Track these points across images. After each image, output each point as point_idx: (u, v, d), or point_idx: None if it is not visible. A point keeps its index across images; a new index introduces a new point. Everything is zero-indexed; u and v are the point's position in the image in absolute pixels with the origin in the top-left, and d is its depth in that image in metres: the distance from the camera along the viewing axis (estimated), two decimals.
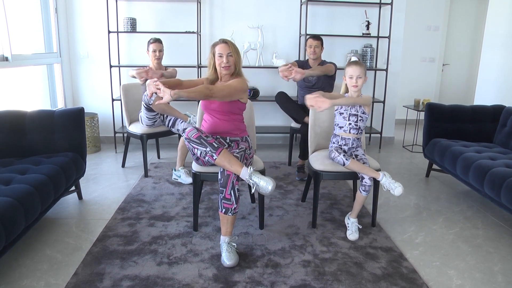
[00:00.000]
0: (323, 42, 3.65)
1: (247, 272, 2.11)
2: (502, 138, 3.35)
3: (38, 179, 2.29)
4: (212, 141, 2.17)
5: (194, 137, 2.17)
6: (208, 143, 2.16)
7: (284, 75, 3.05)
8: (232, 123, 2.46)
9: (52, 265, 2.15)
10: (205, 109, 2.49)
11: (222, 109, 2.42)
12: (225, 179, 2.17)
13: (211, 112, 2.46)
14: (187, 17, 4.43)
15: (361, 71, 2.49)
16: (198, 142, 2.17)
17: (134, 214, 2.78)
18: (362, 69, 2.49)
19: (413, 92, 6.34)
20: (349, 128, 2.56)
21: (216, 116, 2.44)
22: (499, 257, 2.32)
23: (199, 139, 2.17)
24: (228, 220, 2.22)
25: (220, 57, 2.37)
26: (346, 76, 2.54)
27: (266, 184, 2.13)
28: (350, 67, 2.51)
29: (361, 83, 2.50)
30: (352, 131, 2.56)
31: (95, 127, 4.36)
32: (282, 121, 4.78)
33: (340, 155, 2.45)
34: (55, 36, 4.24)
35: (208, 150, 2.15)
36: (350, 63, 2.53)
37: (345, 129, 2.57)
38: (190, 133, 2.19)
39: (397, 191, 2.33)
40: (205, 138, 2.18)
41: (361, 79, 2.49)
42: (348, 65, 2.53)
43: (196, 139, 2.17)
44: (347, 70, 2.53)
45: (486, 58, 4.84)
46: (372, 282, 2.03)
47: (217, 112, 2.44)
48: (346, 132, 2.57)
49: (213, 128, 2.45)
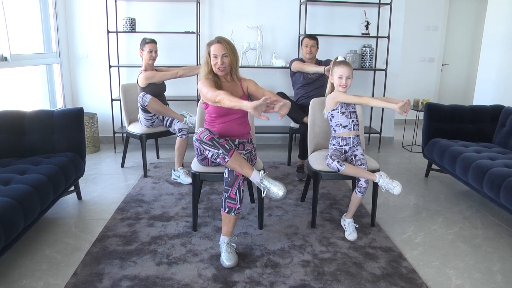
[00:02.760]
0: (318, 41, 3.67)
1: (246, 272, 2.11)
2: (501, 138, 3.35)
3: (38, 179, 2.28)
4: (224, 143, 2.16)
5: (207, 138, 2.15)
6: (220, 145, 2.14)
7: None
8: (245, 127, 2.47)
9: (52, 265, 2.14)
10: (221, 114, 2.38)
11: (240, 114, 2.40)
12: (233, 179, 2.17)
13: (228, 116, 2.39)
14: (186, 17, 4.43)
15: (350, 72, 2.49)
16: (211, 144, 2.14)
17: (134, 214, 2.78)
18: (351, 70, 2.50)
19: (413, 92, 6.34)
20: (353, 125, 2.57)
21: (234, 120, 2.40)
22: (498, 257, 2.32)
23: (212, 141, 2.14)
24: (230, 220, 2.22)
25: (215, 58, 2.32)
26: (334, 76, 2.52)
27: (278, 190, 2.13)
28: (340, 67, 2.49)
29: (349, 84, 2.51)
30: (355, 127, 2.57)
31: (95, 127, 4.36)
32: (282, 121, 4.77)
33: (334, 162, 2.44)
34: (54, 36, 4.23)
35: (221, 152, 2.13)
36: (339, 63, 2.50)
37: (349, 127, 2.56)
38: (202, 134, 2.16)
39: (396, 190, 2.33)
40: (218, 140, 2.15)
41: (350, 79, 2.50)
42: (337, 65, 2.51)
43: (208, 140, 2.14)
44: (335, 69, 2.51)
45: (486, 58, 4.84)
46: (372, 282, 2.03)
47: (235, 117, 2.40)
48: (351, 130, 2.56)
49: (227, 132, 2.39)
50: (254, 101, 1.98)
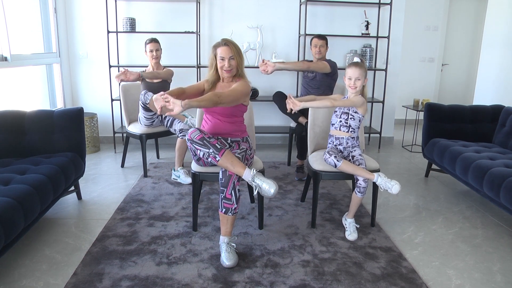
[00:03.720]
0: (327, 41, 3.65)
1: (246, 272, 2.11)
2: (501, 138, 3.35)
3: (38, 179, 2.28)
4: (215, 142, 2.16)
5: (197, 138, 2.16)
6: (211, 145, 2.15)
7: (262, 69, 3.17)
8: (234, 124, 2.46)
9: (52, 265, 2.14)
10: (207, 111, 2.47)
11: (225, 112, 2.41)
12: (227, 179, 2.17)
13: (213, 114, 2.44)
14: (186, 17, 4.43)
15: (360, 73, 2.47)
16: (201, 144, 2.15)
17: (134, 214, 2.78)
18: (361, 71, 2.47)
19: (413, 92, 6.34)
20: (340, 126, 2.56)
21: (219, 118, 2.43)
22: (498, 257, 2.32)
23: (202, 140, 2.15)
24: (228, 220, 2.22)
25: (222, 60, 2.34)
26: (346, 76, 2.53)
27: (269, 187, 2.12)
28: (349, 68, 2.50)
29: (359, 85, 2.48)
30: (342, 128, 2.56)
31: (95, 127, 4.36)
32: (282, 121, 4.78)
33: (331, 157, 2.44)
34: (54, 36, 4.23)
35: (211, 152, 2.14)
36: (350, 64, 2.51)
37: (336, 126, 2.58)
38: (193, 134, 2.17)
39: (395, 189, 2.32)
40: (208, 139, 2.16)
41: (360, 81, 2.48)
42: (348, 66, 2.52)
43: (199, 140, 2.15)
44: (346, 71, 2.52)
45: (486, 58, 4.84)
46: (372, 282, 2.04)
47: (219, 114, 2.42)
48: (337, 129, 2.57)
49: (215, 129, 2.43)
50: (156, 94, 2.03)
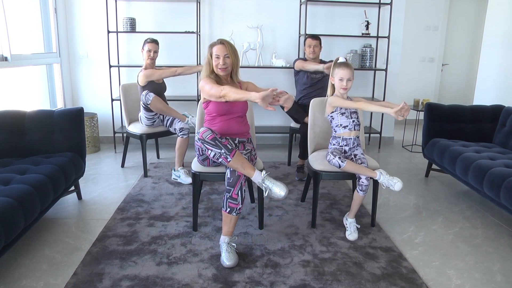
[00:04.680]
0: (321, 41, 3.68)
1: (246, 272, 2.11)
2: (502, 138, 3.35)
3: (38, 179, 2.28)
4: (226, 143, 2.16)
5: (209, 138, 2.15)
6: (222, 145, 2.15)
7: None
8: (246, 125, 2.51)
9: (52, 265, 2.14)
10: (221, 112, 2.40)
11: (240, 111, 2.43)
12: (235, 179, 2.17)
13: (227, 113, 2.42)
14: (186, 17, 4.43)
15: (351, 74, 2.49)
16: (213, 144, 2.15)
17: (134, 214, 2.78)
18: (352, 71, 2.49)
19: (413, 92, 6.34)
20: (354, 125, 2.56)
21: (233, 117, 2.43)
22: (498, 257, 2.32)
23: (214, 140, 2.15)
24: (231, 220, 2.22)
25: (217, 58, 2.35)
26: (335, 77, 2.51)
27: (280, 190, 2.14)
28: (341, 69, 2.48)
29: (350, 86, 2.51)
30: (356, 127, 2.56)
31: (95, 127, 4.36)
32: (282, 121, 4.78)
33: (336, 158, 2.44)
34: (55, 36, 4.23)
35: (223, 152, 2.14)
36: (341, 65, 2.49)
37: (350, 128, 2.55)
38: (205, 134, 2.17)
39: (397, 186, 2.33)
40: (220, 139, 2.16)
41: (351, 81, 2.50)
42: (338, 67, 2.50)
43: (211, 140, 2.15)
44: (337, 71, 2.50)
45: (486, 58, 4.84)
46: (372, 282, 2.03)
47: (234, 114, 2.43)
48: (351, 130, 2.55)
49: (226, 129, 2.41)
50: (262, 92, 2.04)
